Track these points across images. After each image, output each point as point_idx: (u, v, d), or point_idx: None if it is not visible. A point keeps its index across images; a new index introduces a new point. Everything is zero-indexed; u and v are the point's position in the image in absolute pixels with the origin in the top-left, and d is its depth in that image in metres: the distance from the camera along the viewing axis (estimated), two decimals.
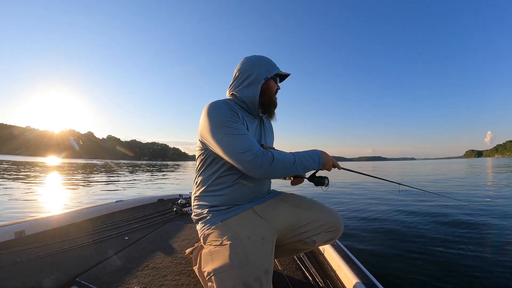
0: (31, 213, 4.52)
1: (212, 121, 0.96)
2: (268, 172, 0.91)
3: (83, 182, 10.77)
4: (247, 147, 0.90)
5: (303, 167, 0.97)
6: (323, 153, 1.04)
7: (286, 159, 0.94)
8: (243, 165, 0.91)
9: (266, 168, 0.90)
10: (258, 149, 0.92)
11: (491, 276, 2.08)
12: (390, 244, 2.85)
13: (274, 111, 1.17)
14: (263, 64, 1.09)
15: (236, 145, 0.91)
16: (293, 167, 0.95)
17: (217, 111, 0.98)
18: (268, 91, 1.11)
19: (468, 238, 2.96)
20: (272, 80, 1.11)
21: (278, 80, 1.15)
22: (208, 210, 1.03)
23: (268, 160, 0.90)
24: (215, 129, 0.95)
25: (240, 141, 0.92)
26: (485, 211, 4.45)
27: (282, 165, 0.93)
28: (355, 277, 1.09)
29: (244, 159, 0.90)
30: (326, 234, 1.07)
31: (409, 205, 5.15)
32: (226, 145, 0.93)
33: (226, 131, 0.93)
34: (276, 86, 1.13)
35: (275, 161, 0.91)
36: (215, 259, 0.86)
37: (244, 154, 0.90)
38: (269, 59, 1.12)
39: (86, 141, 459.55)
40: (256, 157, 0.89)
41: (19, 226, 1.65)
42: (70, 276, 1.19)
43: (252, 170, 0.91)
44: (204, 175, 1.07)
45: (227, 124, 0.94)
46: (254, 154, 0.90)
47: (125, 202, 2.50)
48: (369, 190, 7.78)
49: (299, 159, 0.96)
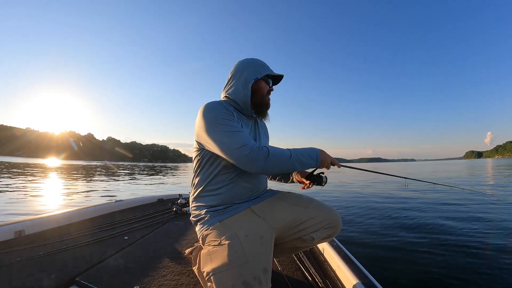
0: (30, 212, 4.52)
1: (207, 121, 0.98)
2: (264, 167, 0.92)
3: (82, 183, 10.78)
4: (243, 142, 0.92)
5: (299, 162, 0.98)
6: (321, 151, 1.05)
7: (282, 154, 0.95)
8: (239, 160, 0.92)
9: (261, 162, 0.91)
10: (253, 144, 0.93)
11: (494, 275, 2.07)
12: (390, 244, 2.85)
13: (267, 112, 1.18)
14: (254, 66, 1.12)
15: (232, 141, 0.93)
16: (289, 161, 0.95)
17: (212, 111, 1.00)
18: (259, 92, 1.13)
19: (471, 239, 2.95)
20: (263, 81, 1.13)
21: (270, 82, 1.16)
22: (206, 211, 1.04)
23: (263, 154, 0.91)
24: (211, 128, 0.97)
25: (236, 137, 0.94)
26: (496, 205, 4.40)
27: (278, 159, 0.94)
28: (354, 277, 1.08)
29: (240, 154, 0.91)
30: (324, 230, 1.08)
31: (409, 205, 5.15)
32: (222, 142, 0.94)
33: (222, 129, 0.95)
34: (267, 87, 1.15)
35: (271, 155, 0.92)
36: (214, 259, 0.86)
37: (240, 149, 0.91)
38: (261, 61, 1.14)
39: (86, 143, 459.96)
40: (252, 151, 0.91)
41: (19, 225, 1.64)
42: (69, 275, 1.19)
43: (248, 165, 0.92)
44: (201, 176, 1.08)
45: (222, 122, 0.96)
46: (250, 148, 0.91)
47: (124, 202, 2.50)
48: (369, 190, 7.78)
49: (296, 154, 0.97)
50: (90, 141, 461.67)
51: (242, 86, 1.10)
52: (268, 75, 1.14)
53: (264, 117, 1.20)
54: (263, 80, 1.13)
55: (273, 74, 1.15)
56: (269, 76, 1.15)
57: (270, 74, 1.14)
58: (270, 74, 1.14)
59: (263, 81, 1.13)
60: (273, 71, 1.15)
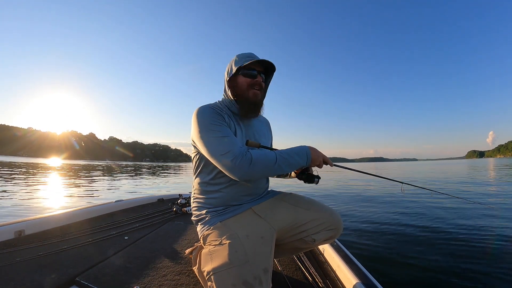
0: (30, 212, 4.53)
1: (198, 125, 0.99)
2: (248, 173, 0.90)
3: (83, 183, 10.78)
4: (227, 149, 0.91)
5: (287, 164, 0.94)
6: (312, 149, 1.00)
7: (266, 159, 0.91)
8: (224, 167, 0.92)
9: (245, 169, 0.89)
10: (237, 151, 0.90)
11: (494, 275, 2.07)
12: (390, 245, 2.85)
13: (256, 107, 1.07)
14: (231, 62, 1.08)
15: (217, 147, 0.93)
16: (275, 166, 0.92)
17: (202, 115, 1.00)
18: (238, 87, 1.06)
19: (471, 239, 2.95)
20: (240, 76, 1.05)
21: (256, 73, 1.05)
22: (207, 211, 1.04)
23: (246, 161, 0.89)
24: (200, 133, 0.97)
25: (221, 143, 0.93)
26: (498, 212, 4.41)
27: (263, 164, 0.90)
28: (354, 277, 1.08)
29: (224, 162, 0.91)
30: (326, 232, 1.08)
31: (409, 205, 5.14)
32: (209, 147, 0.95)
33: (210, 134, 0.95)
34: (248, 80, 1.04)
35: (254, 161, 0.89)
36: (215, 258, 0.86)
37: (224, 156, 0.90)
38: (241, 54, 1.07)
39: (88, 142, 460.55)
40: (235, 159, 0.88)
41: (19, 225, 1.65)
42: (69, 275, 1.19)
43: (232, 172, 0.91)
44: (201, 177, 1.08)
45: (210, 128, 0.96)
46: (233, 156, 0.89)
47: (125, 201, 2.50)
48: (369, 190, 7.77)
49: (282, 157, 0.93)
50: (92, 141, 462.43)
51: (226, 85, 1.10)
52: (253, 67, 1.04)
53: (254, 113, 1.08)
54: (243, 74, 1.05)
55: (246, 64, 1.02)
56: (254, 68, 1.05)
57: (252, 65, 1.04)
58: (252, 65, 1.04)
59: (241, 76, 1.05)
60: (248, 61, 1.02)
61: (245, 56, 1.06)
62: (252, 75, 1.05)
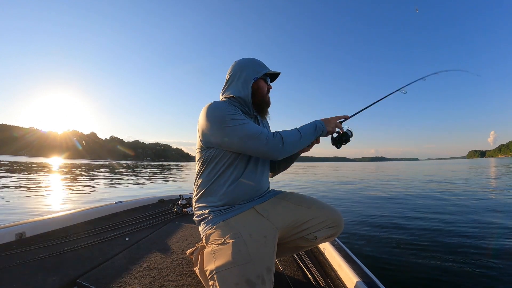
0: (32, 214, 4.52)
1: (217, 119, 0.99)
2: (282, 151, 0.98)
3: (83, 183, 10.77)
4: (258, 132, 0.96)
5: (309, 138, 1.06)
6: (324, 120, 1.12)
7: (292, 135, 1.01)
8: (258, 149, 0.96)
9: (279, 147, 0.97)
10: (267, 132, 0.98)
11: (495, 275, 2.07)
12: (392, 243, 2.85)
13: (267, 110, 1.20)
14: (252, 65, 1.13)
15: (247, 132, 0.96)
16: (301, 140, 1.02)
17: (219, 109, 1.01)
18: (259, 91, 1.14)
19: (474, 238, 2.95)
20: (261, 80, 1.15)
21: (268, 80, 1.18)
22: (210, 211, 1.04)
23: (279, 140, 0.97)
24: (222, 124, 0.98)
25: (250, 128, 0.97)
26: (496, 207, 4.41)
27: (292, 140, 1.00)
28: (356, 276, 1.08)
29: (258, 143, 0.95)
30: (327, 230, 1.09)
31: (411, 203, 5.15)
32: (239, 133, 0.96)
33: (234, 124, 0.97)
34: (266, 85, 1.17)
35: (285, 138, 0.98)
36: (218, 257, 0.86)
37: (257, 139, 0.95)
38: (258, 60, 1.16)
39: (89, 142, 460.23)
40: (268, 139, 0.95)
41: (20, 227, 1.64)
42: (71, 277, 1.19)
43: (268, 152, 0.97)
44: (204, 176, 1.08)
45: (233, 117, 0.98)
46: (266, 136, 0.95)
47: (125, 203, 2.50)
48: (369, 190, 7.78)
49: (304, 132, 1.04)
50: (93, 140, 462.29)
51: (242, 86, 1.10)
52: (265, 73, 1.15)
53: (265, 115, 1.21)
54: (262, 79, 1.15)
55: (271, 72, 1.16)
56: (266, 75, 1.17)
57: (268, 72, 1.15)
58: (268, 72, 1.15)
59: (262, 80, 1.14)
60: (270, 70, 1.16)
61: (260, 63, 1.16)
62: (267, 82, 1.18)
